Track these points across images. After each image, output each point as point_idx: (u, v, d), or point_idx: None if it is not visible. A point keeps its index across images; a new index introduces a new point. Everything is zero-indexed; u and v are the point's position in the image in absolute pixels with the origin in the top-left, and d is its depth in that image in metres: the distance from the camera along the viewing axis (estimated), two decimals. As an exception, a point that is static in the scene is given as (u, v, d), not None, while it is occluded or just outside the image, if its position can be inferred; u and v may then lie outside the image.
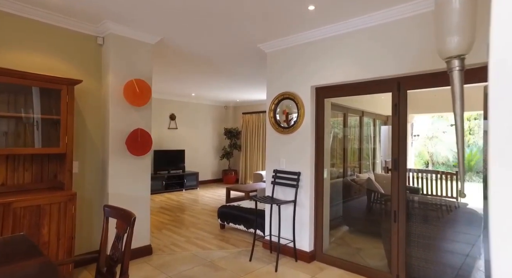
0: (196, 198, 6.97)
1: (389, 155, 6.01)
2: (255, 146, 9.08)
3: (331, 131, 3.82)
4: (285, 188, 3.47)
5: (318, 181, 3.31)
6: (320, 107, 3.31)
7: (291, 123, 3.47)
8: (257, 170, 8.92)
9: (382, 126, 6.04)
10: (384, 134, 6.01)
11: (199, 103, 8.97)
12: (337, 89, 3.16)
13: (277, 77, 3.61)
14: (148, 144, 3.27)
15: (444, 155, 6.11)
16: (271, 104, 3.63)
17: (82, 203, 3.09)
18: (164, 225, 4.69)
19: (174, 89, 7.20)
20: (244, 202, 4.79)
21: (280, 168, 3.55)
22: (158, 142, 7.98)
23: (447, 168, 5.85)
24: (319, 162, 3.31)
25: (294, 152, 3.40)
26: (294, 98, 3.40)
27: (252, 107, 9.34)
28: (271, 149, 3.66)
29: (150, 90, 3.25)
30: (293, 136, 3.43)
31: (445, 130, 5.96)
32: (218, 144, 9.54)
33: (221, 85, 6.52)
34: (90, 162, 3.16)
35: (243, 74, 5.45)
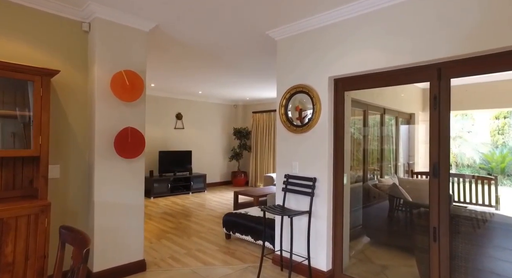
0: (202, 202, 6.56)
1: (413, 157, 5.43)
2: (266, 146, 8.62)
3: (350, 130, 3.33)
4: (298, 196, 2.99)
5: (337, 188, 2.82)
6: (339, 101, 2.83)
7: (305, 121, 2.99)
8: (268, 172, 8.46)
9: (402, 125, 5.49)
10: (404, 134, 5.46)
11: (207, 102, 8.58)
12: (360, 80, 2.67)
13: (289, 68, 3.14)
14: (140, 145, 2.86)
15: (469, 156, 5.56)
16: (282, 99, 3.16)
17: (64, 214, 2.69)
18: (165, 233, 4.28)
19: (179, 87, 6.82)
20: (253, 209, 4.34)
21: (292, 173, 3.07)
22: (164, 142, 7.62)
23: (473, 170, 5.31)
24: (338, 166, 2.82)
25: (309, 154, 2.92)
26: (309, 91, 2.92)
27: (262, 105, 8.89)
28: (282, 151, 3.19)
29: (142, 83, 2.83)
30: (308, 136, 2.95)
31: (470, 130, 5.43)
32: (227, 145, 9.12)
33: (229, 81, 6.09)
34: (74, 166, 2.77)
35: (252, 68, 4.99)
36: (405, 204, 3.72)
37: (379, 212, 4.29)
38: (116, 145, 2.69)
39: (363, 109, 4.26)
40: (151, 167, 7.35)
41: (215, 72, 5.27)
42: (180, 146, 7.98)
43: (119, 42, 2.80)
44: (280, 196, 3.17)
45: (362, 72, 2.59)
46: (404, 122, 5.38)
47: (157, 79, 6.02)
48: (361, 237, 3.95)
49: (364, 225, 4.01)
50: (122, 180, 2.83)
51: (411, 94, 4.88)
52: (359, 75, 2.66)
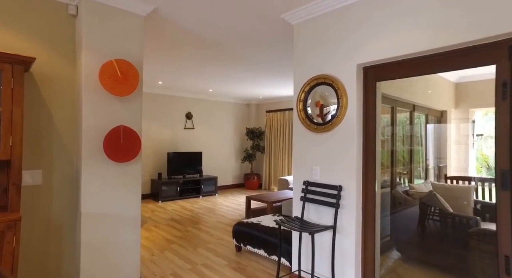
0: (213, 206, 6.16)
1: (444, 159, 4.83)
2: (280, 147, 8.15)
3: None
4: (320, 206, 2.53)
5: (368, 199, 2.34)
6: (369, 93, 2.34)
7: (328, 118, 2.53)
8: (283, 175, 7.98)
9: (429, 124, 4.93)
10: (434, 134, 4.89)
11: (218, 100, 8.19)
12: (397, 67, 2.18)
13: (308, 56, 2.68)
14: (135, 146, 2.46)
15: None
16: (300, 93, 2.71)
17: (47, 228, 2.32)
18: (169, 243, 3.88)
19: (188, 85, 6.45)
20: (266, 217, 3.89)
21: (312, 179, 2.61)
22: (173, 143, 7.28)
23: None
24: (368, 171, 2.34)
25: (333, 157, 2.45)
26: (333, 82, 2.45)
27: (276, 104, 8.43)
28: (300, 153, 2.73)
29: (137, 75, 2.44)
30: (331, 136, 2.48)
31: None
32: (240, 145, 8.71)
33: (240, 77, 5.66)
34: (59, 171, 2.39)
35: (265, 62, 4.55)
36: (443, 215, 3.19)
37: (409, 222, 3.76)
38: (105, 146, 2.30)
39: (391, 106, 3.74)
40: (160, 169, 7.01)
41: (224, 66, 4.85)
42: (190, 146, 7.62)
43: (110, 28, 2.41)
44: (298, 206, 2.71)
45: (399, 57, 2.11)
46: (434, 120, 4.81)
47: (164, 77, 5.66)
48: (390, 251, 3.43)
49: (393, 236, 3.49)
50: (114, 187, 2.44)
51: (443, 89, 4.33)
52: (395, 62, 2.18)
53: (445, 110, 4.61)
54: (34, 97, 2.26)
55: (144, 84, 6.35)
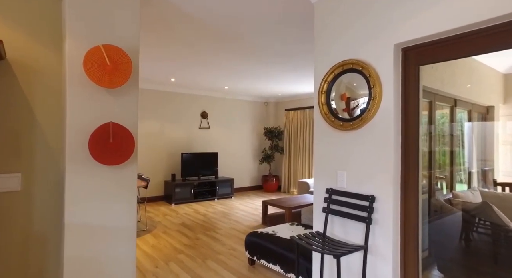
0: (228, 210, 5.80)
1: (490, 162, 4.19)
2: (300, 148, 7.68)
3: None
4: (347, 220, 2.08)
5: (408, 213, 1.86)
6: (410, 81, 1.87)
7: (356, 112, 2.07)
8: (303, 178, 7.51)
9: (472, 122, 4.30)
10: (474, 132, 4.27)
11: (235, 99, 7.83)
12: (449, 45, 1.70)
13: (331, 38, 2.23)
14: (127, 146, 2.11)
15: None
16: (321, 83, 2.26)
17: (26, 239, 2.02)
18: (177, 253, 3.54)
19: (203, 82, 6.13)
20: (284, 227, 3.46)
21: (337, 187, 2.16)
22: (187, 143, 6.99)
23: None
24: (409, 178, 1.87)
25: (363, 161, 2.00)
26: (363, 69, 1.99)
27: (296, 102, 7.96)
28: (322, 155, 2.29)
29: (129, 63, 2.09)
30: (360, 134, 2.02)
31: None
32: (258, 146, 8.31)
33: (257, 73, 5.26)
34: (42, 175, 2.09)
35: (282, 53, 4.12)
36: (501, 231, 2.63)
37: (452, 236, 3.20)
38: (91, 147, 1.97)
39: (429, 100, 3.21)
40: (173, 170, 6.75)
41: (239, 59, 4.47)
42: (205, 147, 7.31)
43: (99, 8, 2.08)
44: (319, 219, 2.27)
45: (451, 31, 1.63)
46: (479, 117, 4.19)
47: (176, 73, 5.36)
48: (430, 269, 2.91)
49: (432, 252, 2.96)
50: (104, 194, 2.10)
51: (489, 81, 3.73)
52: (445, 39, 1.69)
53: (491, 105, 3.98)
54: (10, 91, 1.97)
55: (156, 81, 6.09)
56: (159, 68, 5.05)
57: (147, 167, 6.42)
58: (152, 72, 5.35)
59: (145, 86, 6.37)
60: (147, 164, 6.43)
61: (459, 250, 3.03)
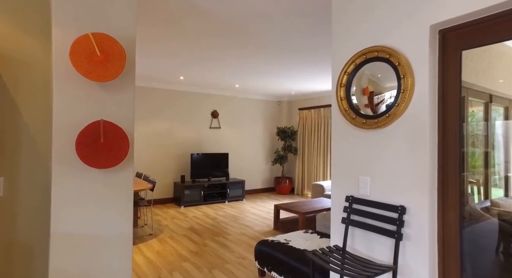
0: (238, 214, 5.55)
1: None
2: (315, 148, 7.36)
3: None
4: (371, 234, 1.78)
5: (449, 227, 1.56)
6: (451, 69, 1.57)
7: (381, 108, 1.78)
8: (317, 180, 7.19)
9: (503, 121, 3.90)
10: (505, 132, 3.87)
11: (246, 98, 7.59)
12: (498, 25, 1.39)
13: (352, 22, 1.94)
14: (121, 147, 1.89)
15: None
16: (340, 75, 1.98)
17: (9, 249, 1.82)
18: (182, 261, 3.32)
19: (212, 80, 5.91)
20: (297, 235, 3.18)
21: (359, 194, 1.87)
22: (197, 143, 6.79)
23: None
24: (449, 186, 1.56)
25: (391, 164, 1.70)
26: (390, 56, 1.70)
27: (310, 101, 7.65)
28: (340, 157, 2.00)
29: (123, 54, 1.86)
30: (387, 134, 1.73)
31: None
32: (270, 146, 8.04)
33: (268, 70, 4.99)
34: (28, 179, 1.89)
35: (297, 48, 3.83)
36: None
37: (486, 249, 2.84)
38: (78, 147, 1.75)
39: (462, 95, 2.86)
40: (182, 172, 6.56)
41: (250, 55, 4.21)
42: (216, 147, 7.09)
43: (90, -6, 1.87)
44: (338, 231, 1.98)
45: (501, 5, 1.32)
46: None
47: (185, 71, 5.16)
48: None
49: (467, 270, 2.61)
50: (96, 200, 1.88)
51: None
52: (494, 16, 1.38)
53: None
54: (-6, 85, 1.78)
55: (165, 80, 5.91)
56: (167, 66, 4.86)
57: (155, 168, 6.26)
58: (160, 71, 5.17)
59: (154, 85, 6.21)
60: (155, 164, 6.26)
61: (496, 265, 2.66)
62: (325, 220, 3.36)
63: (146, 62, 4.61)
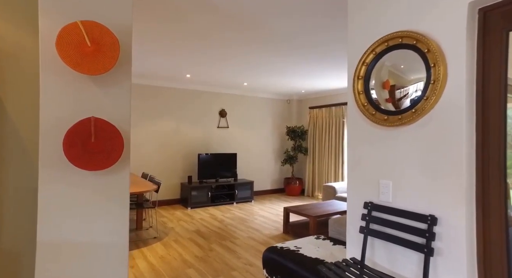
0: (247, 216, 5.36)
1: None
2: (326, 149, 7.11)
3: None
4: (394, 246, 1.56)
5: (492, 241, 1.32)
6: (494, 53, 1.33)
7: (405, 103, 1.56)
8: (328, 181, 6.94)
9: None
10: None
11: (255, 96, 7.39)
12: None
13: (372, 5, 1.72)
14: (114, 147, 1.71)
15: None
16: (358, 66, 1.76)
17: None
18: (186, 267, 3.14)
19: (220, 78, 5.74)
20: (308, 241, 2.96)
21: (380, 201, 1.65)
22: (205, 143, 6.63)
23: None
24: (491, 192, 1.33)
25: (417, 167, 1.47)
26: (418, 43, 1.47)
27: (321, 99, 7.40)
28: (357, 158, 1.78)
29: (116, 44, 1.68)
30: (414, 131, 1.50)
31: None
32: (279, 146, 7.82)
33: (277, 66, 4.78)
34: (13, 182, 1.74)
35: (307, 44, 3.61)
36: None
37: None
38: (66, 147, 1.58)
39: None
40: (190, 172, 6.41)
41: (258, 52, 4.01)
42: (224, 147, 6.92)
43: (81, -21, 1.70)
44: (355, 242, 1.76)
45: None
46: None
47: (191, 68, 5.00)
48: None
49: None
50: (87, 205, 1.72)
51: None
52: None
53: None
54: (-23, 79, 1.63)
55: (171, 78, 5.77)
56: (173, 64, 4.70)
57: (162, 169, 6.12)
58: (166, 69, 5.02)
59: (160, 83, 6.08)
60: (162, 165, 6.13)
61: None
62: (338, 225, 3.14)
63: (152, 60, 4.47)
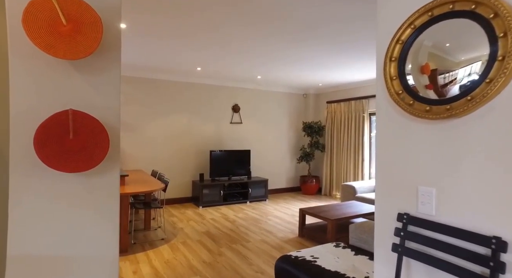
0: (260, 217, 5.08)
1: None
2: (344, 145, 6.71)
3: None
4: (440, 273, 1.22)
5: None
6: None
7: (453, 91, 1.22)
8: (347, 180, 6.55)
9: None
10: None
11: (269, 90, 7.07)
12: None
13: (408, -29, 1.37)
14: (98, 145, 1.45)
15: None
16: (391, 45, 1.42)
17: (-37, 272, 1.46)
18: (192, 273, 2.90)
19: (232, 71, 5.45)
20: (325, 249, 2.65)
21: (418, 212, 1.31)
22: (217, 140, 6.39)
23: None
24: None
25: (474, 171, 1.13)
26: (478, 7, 1.11)
27: (340, 93, 6.99)
28: (389, 159, 1.44)
29: (99, 24, 1.42)
30: (469, 125, 1.16)
31: None
32: (295, 143, 7.49)
33: (293, 57, 4.44)
34: (-15, 183, 1.52)
35: (326, 30, 3.25)
36: None
37: None
38: (38, 145, 1.33)
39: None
40: (201, 170, 6.19)
41: (271, 41, 3.69)
42: (237, 144, 6.65)
43: None
44: (386, 262, 1.43)
45: None
46: None
47: (202, 61, 4.73)
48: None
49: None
50: (68, 212, 1.47)
51: None
52: None
53: None
54: None
55: (181, 71, 5.53)
56: (182, 56, 4.45)
57: (173, 165, 5.93)
58: (175, 61, 4.78)
59: (170, 78, 5.86)
60: (173, 162, 5.93)
61: None
62: (361, 232, 2.80)
63: (162, 52, 4.23)
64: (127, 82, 5.52)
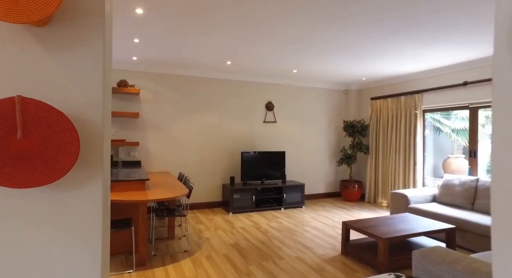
0: (295, 227, 4.52)
1: None
2: (392, 147, 5.91)
3: None
4: None
5: None
6: None
7: None
8: (396, 187, 5.74)
9: None
10: None
11: (306, 86, 6.47)
12: None
13: None
14: (61, 148, 1.02)
15: None
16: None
17: None
18: (214, 301, 2.43)
19: (266, 64, 4.95)
20: None
21: None
22: (249, 140, 5.92)
23: None
24: None
25: None
26: None
27: (386, 88, 6.20)
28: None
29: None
30: None
31: None
32: (335, 144, 6.80)
33: (333, 47, 3.82)
34: None
35: (374, 10, 2.63)
36: None
37: None
38: (-33, 147, 0.93)
39: None
40: (232, 173, 5.76)
41: (310, 26, 3.12)
42: (271, 145, 6.14)
43: None
44: None
45: None
46: None
47: (232, 53, 4.30)
48: None
49: None
50: (28, 239, 1.06)
51: None
52: None
53: None
54: None
55: (210, 66, 5.14)
56: (210, 48, 4.05)
57: (201, 168, 5.56)
58: (202, 54, 4.39)
59: (199, 74, 5.50)
60: (202, 164, 5.57)
61: None
62: (429, 263, 2.14)
63: (190, 46, 3.85)
64: (157, 79, 5.25)
